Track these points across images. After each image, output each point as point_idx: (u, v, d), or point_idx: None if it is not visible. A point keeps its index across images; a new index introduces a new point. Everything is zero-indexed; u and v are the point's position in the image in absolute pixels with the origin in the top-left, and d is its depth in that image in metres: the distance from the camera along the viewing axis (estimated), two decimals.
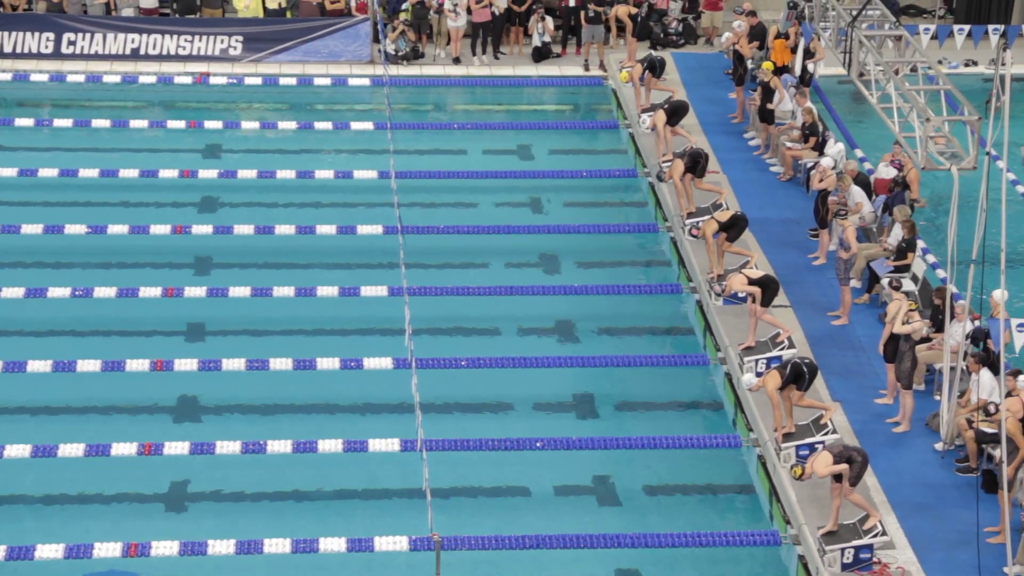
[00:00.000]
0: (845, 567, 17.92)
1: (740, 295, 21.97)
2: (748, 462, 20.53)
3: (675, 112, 26.67)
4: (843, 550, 17.95)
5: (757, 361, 21.34)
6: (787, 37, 28.70)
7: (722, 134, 28.52)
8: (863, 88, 23.83)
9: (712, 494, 20.22)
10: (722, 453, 20.78)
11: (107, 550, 18.19)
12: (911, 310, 20.40)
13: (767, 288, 21.45)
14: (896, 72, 22.85)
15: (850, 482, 18.08)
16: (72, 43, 31.49)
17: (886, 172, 25.05)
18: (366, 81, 31.40)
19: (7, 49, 31.37)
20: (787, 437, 19.67)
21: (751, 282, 21.42)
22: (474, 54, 32.49)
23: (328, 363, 21.80)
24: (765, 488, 19.88)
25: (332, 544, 18.49)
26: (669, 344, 23.53)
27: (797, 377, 19.48)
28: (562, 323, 23.68)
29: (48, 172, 27.06)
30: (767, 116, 27.66)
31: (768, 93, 27.45)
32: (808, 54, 28.61)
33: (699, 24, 33.65)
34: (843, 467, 17.99)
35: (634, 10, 31.18)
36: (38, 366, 21.52)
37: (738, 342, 21.82)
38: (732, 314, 22.62)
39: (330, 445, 20.11)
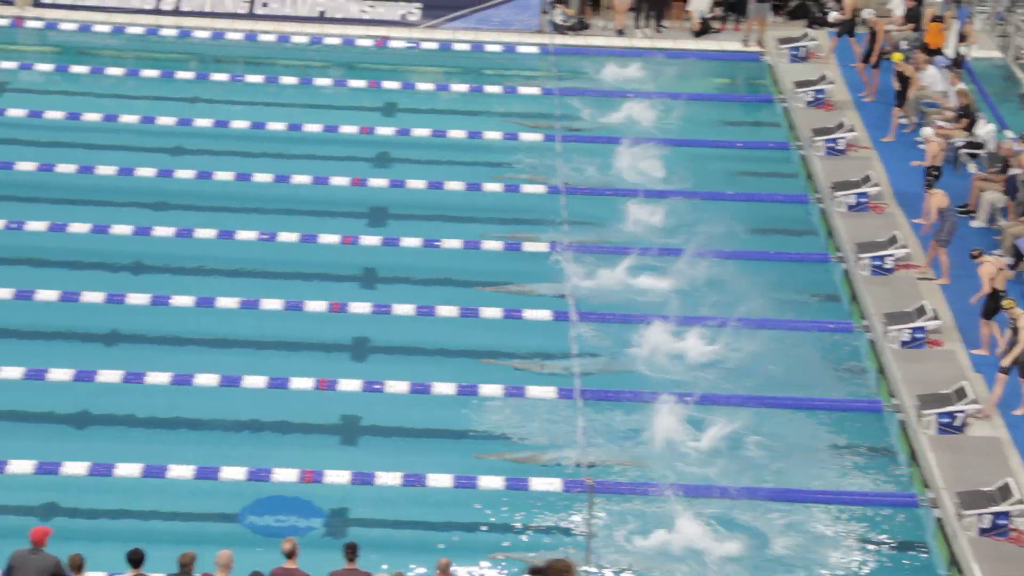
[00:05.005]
0: (983, 532, 17.27)
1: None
2: (889, 426, 19.89)
3: None
4: (980, 515, 17.28)
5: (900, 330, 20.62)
6: (942, 20, 27.65)
7: (871, 109, 27.57)
8: (1019, 72, 22.85)
9: (853, 455, 19.55)
10: (864, 417, 20.13)
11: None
12: None
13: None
14: None
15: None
16: (265, 5, 31.53)
17: None
18: (534, 49, 31.01)
19: (207, 9, 31.56)
20: (927, 403, 18.96)
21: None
22: (637, 27, 31.90)
23: (491, 313, 21.63)
24: (905, 452, 19.25)
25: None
26: (816, 310, 22.77)
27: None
28: (715, 282, 22.99)
29: (239, 124, 27.18)
30: (902, 102, 26.56)
31: (903, 80, 26.32)
32: (962, 37, 27.55)
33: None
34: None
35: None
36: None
37: (883, 311, 21.08)
38: (877, 283, 21.88)
39: (490, 390, 20.03)
